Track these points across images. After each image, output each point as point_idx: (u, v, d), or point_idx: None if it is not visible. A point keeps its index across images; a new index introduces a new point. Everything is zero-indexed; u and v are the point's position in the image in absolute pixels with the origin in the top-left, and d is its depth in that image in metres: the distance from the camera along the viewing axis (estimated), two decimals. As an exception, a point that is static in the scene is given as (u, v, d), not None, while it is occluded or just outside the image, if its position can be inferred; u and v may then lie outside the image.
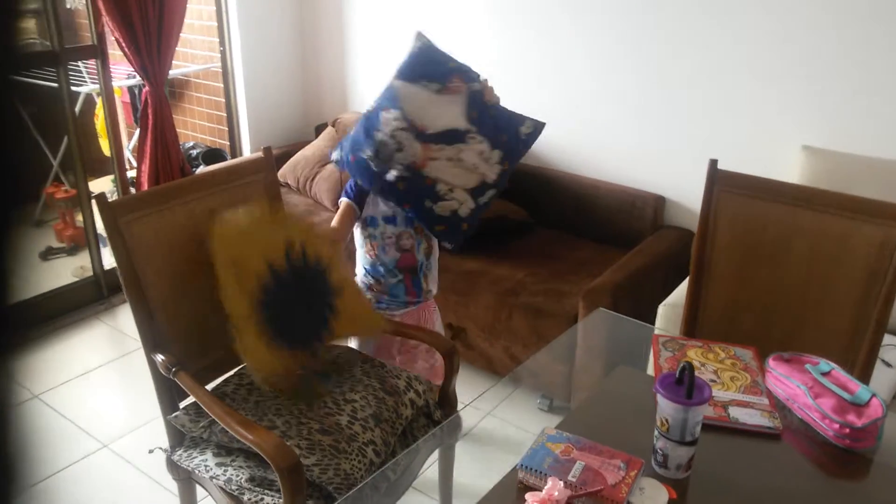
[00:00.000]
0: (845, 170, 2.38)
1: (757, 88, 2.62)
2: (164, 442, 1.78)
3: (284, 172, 3.50)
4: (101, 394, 2.78)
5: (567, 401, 2.57)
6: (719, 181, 1.90)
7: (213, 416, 1.59)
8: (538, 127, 2.02)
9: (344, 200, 2.07)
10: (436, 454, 1.89)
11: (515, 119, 2.01)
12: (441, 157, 1.90)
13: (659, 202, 2.91)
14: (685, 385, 1.25)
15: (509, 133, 1.98)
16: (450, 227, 1.94)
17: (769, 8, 2.52)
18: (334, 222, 2.06)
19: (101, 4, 2.90)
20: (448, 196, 1.91)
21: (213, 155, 3.81)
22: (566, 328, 2.45)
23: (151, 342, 1.71)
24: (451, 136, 1.92)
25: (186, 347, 1.79)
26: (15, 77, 0.39)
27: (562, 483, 1.20)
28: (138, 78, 3.27)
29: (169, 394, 1.73)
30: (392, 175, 1.88)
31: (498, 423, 2.52)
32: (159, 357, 1.68)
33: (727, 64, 2.66)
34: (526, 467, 1.27)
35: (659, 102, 2.86)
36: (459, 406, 1.94)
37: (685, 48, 2.74)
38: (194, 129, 4.21)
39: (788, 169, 2.50)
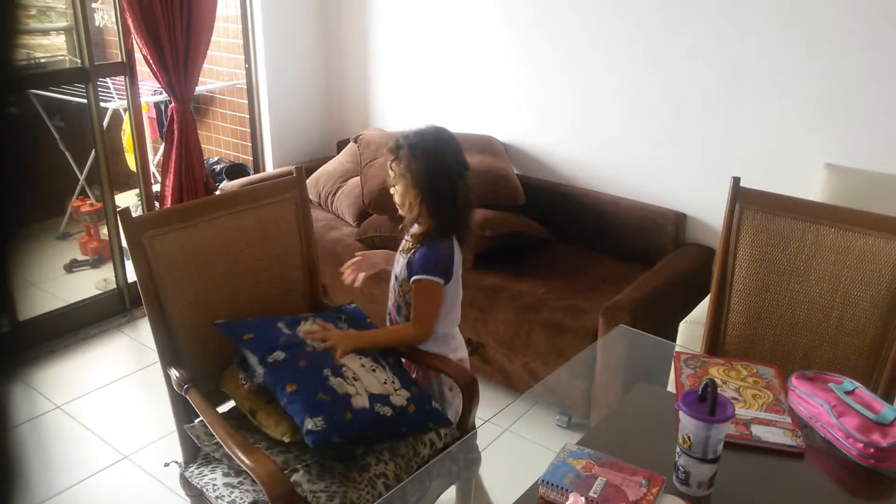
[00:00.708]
0: (868, 188, 2.37)
1: (780, 106, 2.62)
2: (182, 455, 1.80)
3: (307, 187, 3.53)
4: (122, 405, 2.81)
5: (586, 417, 2.55)
6: (741, 198, 1.90)
7: (217, 437, 1.61)
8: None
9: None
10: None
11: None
12: (356, 360, 1.76)
13: (680, 219, 2.90)
14: (708, 402, 1.25)
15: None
16: (332, 406, 1.58)
17: (794, 24, 2.52)
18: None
19: (130, 22, 2.96)
20: (349, 379, 1.67)
21: (236, 170, 3.86)
22: (586, 345, 2.44)
23: (168, 357, 1.74)
24: (374, 356, 1.81)
25: (203, 365, 1.82)
26: (12, 96, 0.39)
27: (583, 499, 1.20)
28: (164, 94, 3.33)
29: (185, 407, 1.75)
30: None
31: (516, 440, 2.51)
32: (174, 373, 1.70)
33: (750, 81, 2.67)
34: (547, 483, 1.26)
35: (681, 119, 2.86)
36: (478, 422, 1.93)
37: (708, 64, 2.75)
38: (218, 144, 4.27)
39: (811, 187, 2.49)
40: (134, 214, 1.75)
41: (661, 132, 2.92)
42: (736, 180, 1.91)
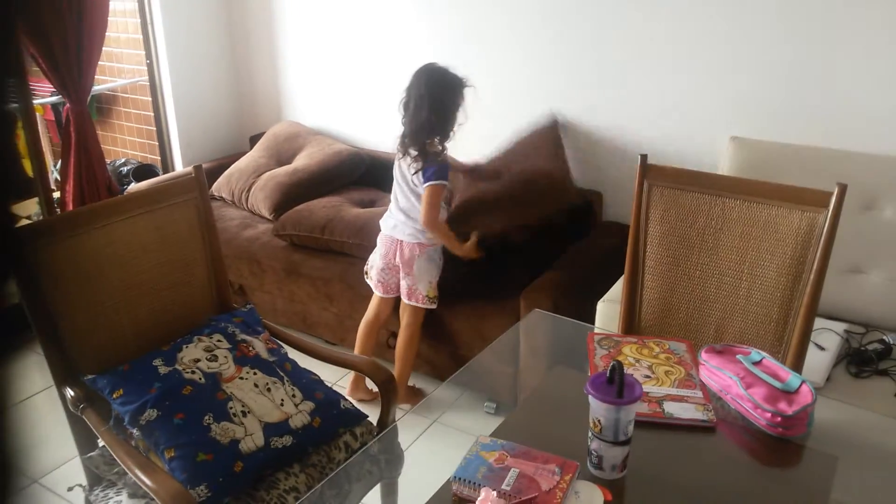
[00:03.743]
0: (773, 159, 2.42)
1: (685, 80, 2.65)
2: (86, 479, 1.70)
3: (219, 186, 3.41)
4: (29, 426, 2.65)
5: (514, 403, 2.54)
6: (650, 175, 1.91)
7: (116, 458, 1.52)
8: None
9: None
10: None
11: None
12: (249, 379, 1.69)
13: (596, 198, 2.92)
14: (616, 384, 1.23)
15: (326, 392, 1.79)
16: (216, 464, 1.50)
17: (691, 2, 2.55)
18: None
19: (12, 19, 2.77)
20: (236, 418, 1.58)
21: (144, 171, 3.69)
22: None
23: (61, 375, 1.63)
24: (269, 369, 1.74)
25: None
26: None
27: (495, 493, 1.17)
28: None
29: (86, 430, 1.65)
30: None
31: (446, 431, 2.48)
32: (69, 392, 1.60)
33: (654, 58, 2.68)
34: (459, 479, 1.23)
35: (592, 99, 2.86)
36: (400, 414, 1.89)
37: (613, 44, 2.75)
38: (124, 145, 4.08)
39: (719, 160, 2.53)
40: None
41: (572, 111, 2.91)
42: (643, 157, 1.91)
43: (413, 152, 2.38)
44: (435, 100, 2.33)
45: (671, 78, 2.67)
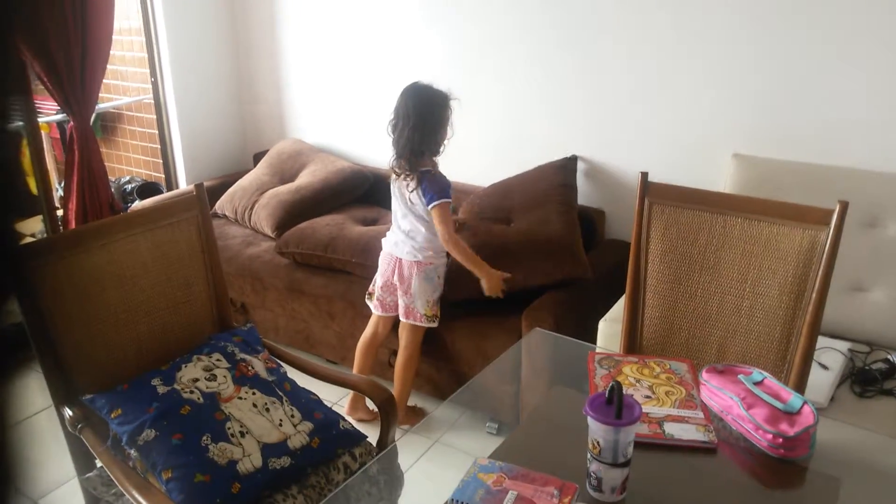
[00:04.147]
0: (775, 176, 2.41)
1: (687, 99, 2.65)
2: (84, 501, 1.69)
3: (222, 203, 3.42)
4: (31, 445, 2.64)
5: (516, 423, 2.52)
6: (650, 193, 1.90)
7: (113, 478, 1.51)
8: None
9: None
10: None
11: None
12: (247, 399, 1.68)
13: (599, 216, 2.91)
14: (615, 405, 1.22)
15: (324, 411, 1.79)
16: (213, 485, 1.49)
17: (693, 18, 2.56)
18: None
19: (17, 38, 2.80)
20: (234, 438, 1.58)
21: (148, 189, 3.71)
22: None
23: (61, 395, 1.63)
24: (268, 388, 1.74)
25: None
26: None
27: (492, 515, 1.15)
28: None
29: (84, 451, 1.64)
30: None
31: (447, 451, 2.46)
32: (67, 412, 1.59)
33: (657, 78, 2.69)
34: (457, 502, 1.22)
35: (594, 117, 2.87)
36: (399, 434, 1.88)
37: (615, 62, 2.76)
38: (129, 163, 4.10)
39: (721, 177, 2.53)
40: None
41: (576, 129, 2.92)
42: (644, 175, 1.90)
43: (406, 171, 2.40)
44: (420, 117, 2.36)
45: (673, 96, 2.68)
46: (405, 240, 2.49)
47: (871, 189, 2.27)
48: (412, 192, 2.41)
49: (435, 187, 2.37)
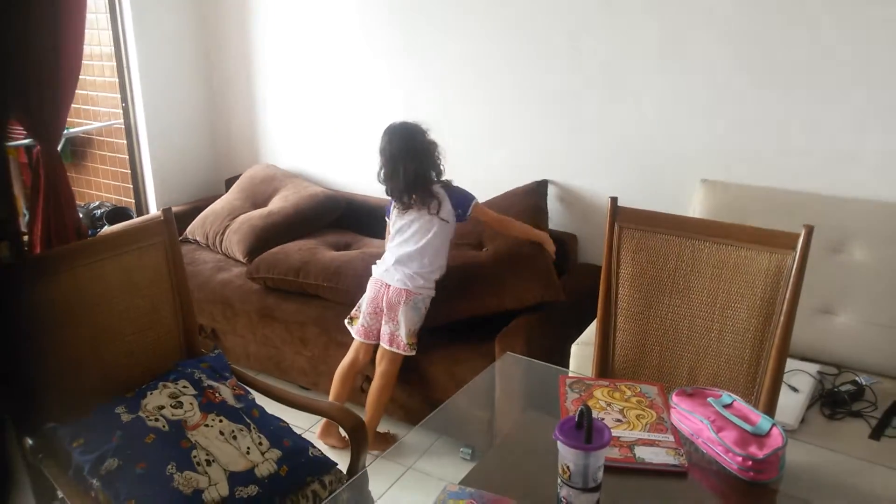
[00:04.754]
0: (743, 201, 2.45)
1: (656, 125, 2.69)
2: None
3: (193, 229, 3.39)
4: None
5: (491, 449, 2.50)
6: (620, 217, 1.91)
7: None
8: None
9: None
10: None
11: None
12: (214, 426, 1.66)
13: (571, 240, 2.93)
14: (585, 429, 1.21)
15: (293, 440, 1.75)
16: None
17: (665, 43, 2.60)
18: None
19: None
20: (200, 466, 1.55)
21: (117, 214, 3.66)
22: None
23: (22, 423, 1.58)
24: (236, 415, 1.70)
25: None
26: None
27: (461, 543, 1.13)
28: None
29: (45, 481, 1.59)
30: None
31: (420, 478, 2.43)
32: (27, 441, 1.55)
33: (627, 103, 2.73)
34: (426, 529, 1.20)
35: (565, 142, 2.90)
36: (370, 461, 1.85)
37: (585, 88, 2.80)
38: (99, 188, 4.05)
39: (690, 202, 2.56)
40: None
41: (548, 154, 2.94)
42: (613, 200, 1.92)
43: (423, 198, 2.48)
44: (413, 149, 2.46)
45: (643, 121, 2.71)
46: (396, 266, 2.51)
47: (836, 214, 2.31)
48: (437, 213, 2.48)
49: (460, 196, 2.54)
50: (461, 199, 2.53)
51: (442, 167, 2.54)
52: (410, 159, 2.45)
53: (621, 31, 2.67)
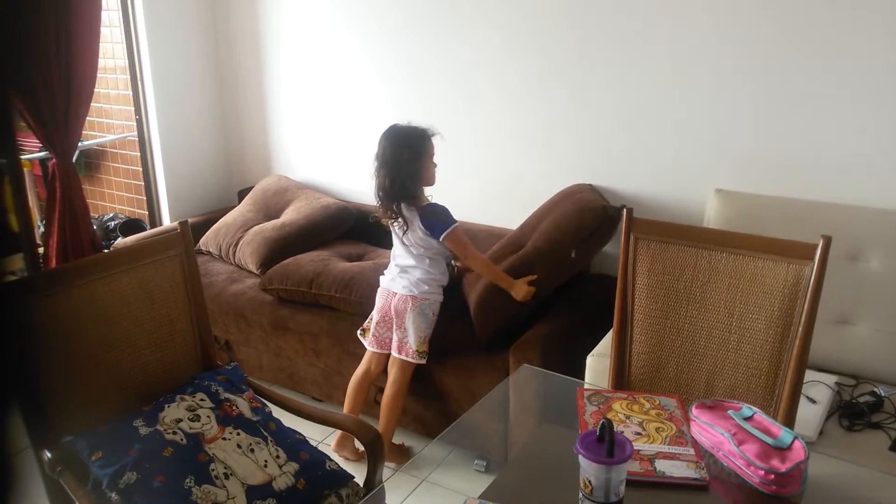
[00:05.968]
0: (758, 210, 2.44)
1: (671, 135, 2.69)
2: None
3: (206, 240, 3.40)
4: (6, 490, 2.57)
5: (505, 461, 2.49)
6: (635, 228, 1.91)
7: None
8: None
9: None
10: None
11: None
12: (232, 439, 1.66)
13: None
14: (606, 443, 1.21)
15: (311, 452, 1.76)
16: None
17: (676, 53, 2.60)
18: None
19: None
20: (219, 480, 1.55)
21: (131, 226, 3.68)
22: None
23: (40, 437, 1.58)
24: (253, 429, 1.70)
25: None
26: None
27: (483, 558, 1.13)
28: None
29: (63, 495, 1.59)
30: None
31: (435, 490, 2.42)
32: (45, 454, 1.55)
33: (641, 114, 2.73)
34: (447, 543, 1.19)
35: (581, 153, 2.90)
36: (387, 474, 1.85)
37: (602, 99, 2.80)
38: (113, 200, 4.08)
39: (705, 212, 2.55)
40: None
41: (559, 164, 2.94)
42: (629, 210, 1.91)
43: (402, 210, 2.43)
44: (393, 160, 2.40)
45: (658, 132, 2.71)
46: (401, 274, 2.53)
47: (853, 223, 2.29)
48: (405, 234, 2.44)
49: (435, 219, 2.42)
50: (433, 224, 2.43)
51: (430, 180, 2.45)
52: (389, 169, 2.41)
53: (638, 42, 2.67)
